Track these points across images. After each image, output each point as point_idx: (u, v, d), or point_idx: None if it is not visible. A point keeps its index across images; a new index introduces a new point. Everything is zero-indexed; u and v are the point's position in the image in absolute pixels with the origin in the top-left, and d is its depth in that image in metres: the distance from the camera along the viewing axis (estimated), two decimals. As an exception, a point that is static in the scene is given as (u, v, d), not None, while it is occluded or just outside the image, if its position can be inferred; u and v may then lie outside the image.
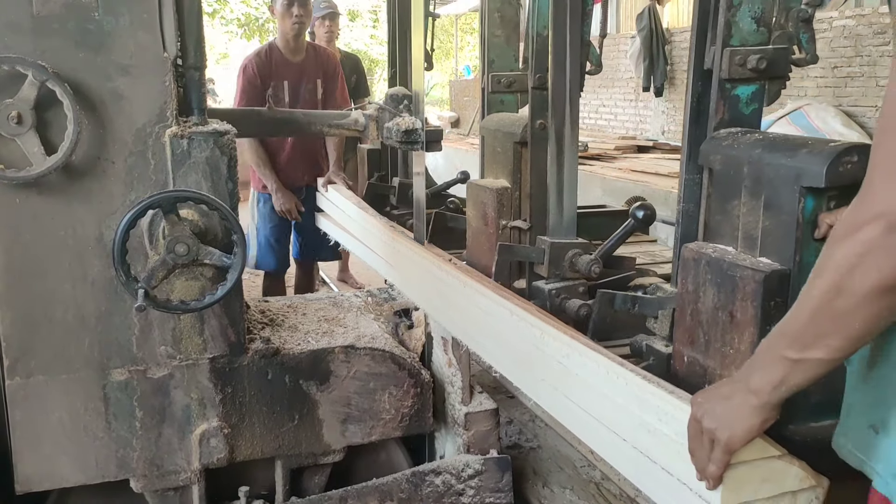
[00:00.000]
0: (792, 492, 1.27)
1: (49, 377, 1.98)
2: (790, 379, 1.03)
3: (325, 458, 2.29)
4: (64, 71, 1.84)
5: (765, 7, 1.70)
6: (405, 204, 3.68)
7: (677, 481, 1.31)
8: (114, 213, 1.94)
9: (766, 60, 1.69)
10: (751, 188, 1.58)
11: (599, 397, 1.55)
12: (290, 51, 3.99)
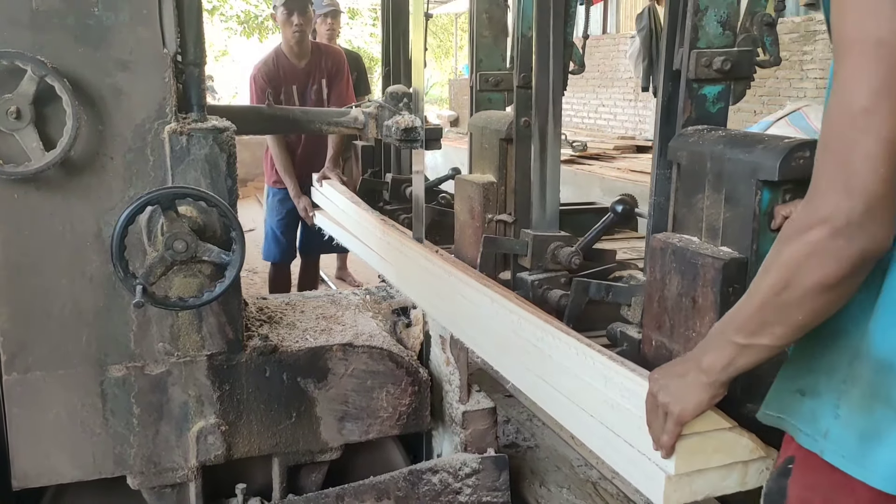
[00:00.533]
0: (743, 462, 1.37)
1: (46, 373, 1.97)
2: (737, 361, 1.12)
3: (323, 455, 2.29)
4: (63, 66, 1.83)
5: (730, 12, 1.78)
6: (397, 199, 3.78)
7: (637, 452, 1.41)
8: (112, 209, 1.94)
9: (730, 62, 1.78)
10: (713, 182, 1.67)
11: (570, 377, 1.65)
12: (296, 56, 4.08)
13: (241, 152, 2.21)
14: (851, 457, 1.04)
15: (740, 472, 1.39)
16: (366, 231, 3.03)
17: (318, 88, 4.15)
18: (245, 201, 9.05)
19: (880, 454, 1.01)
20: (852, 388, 1.05)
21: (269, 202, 4.39)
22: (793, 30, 7.86)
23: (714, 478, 1.37)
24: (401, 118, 2.58)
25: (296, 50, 4.07)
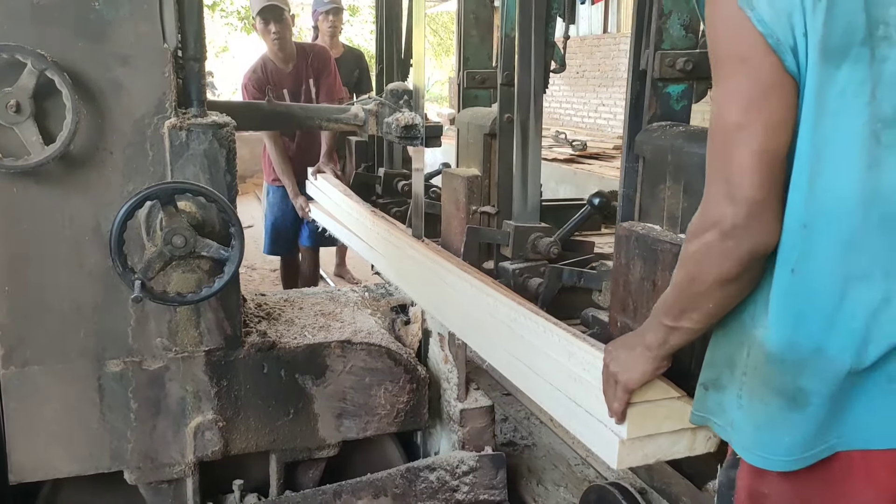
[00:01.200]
0: (691, 429, 1.47)
1: (44, 367, 1.97)
2: (670, 340, 1.27)
3: (320, 452, 2.29)
4: (63, 60, 1.83)
5: (692, 16, 1.89)
6: (389, 193, 3.92)
7: (596, 420, 1.53)
8: (111, 204, 1.93)
9: (692, 63, 1.89)
10: (674, 174, 1.79)
11: (538, 354, 1.77)
12: (281, 60, 4.19)
13: (241, 149, 2.20)
14: (749, 446, 1.14)
15: (689, 438, 1.50)
16: (357, 222, 3.12)
17: (307, 88, 4.24)
18: (244, 197, 9.04)
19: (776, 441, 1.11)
20: (752, 380, 1.14)
21: (269, 199, 4.49)
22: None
23: (664, 443, 1.48)
24: (401, 115, 2.58)
25: (280, 56, 4.17)
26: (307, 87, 4.24)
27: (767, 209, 1.06)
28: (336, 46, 5.21)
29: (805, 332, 1.09)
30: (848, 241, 1.05)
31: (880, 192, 1.03)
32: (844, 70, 1.01)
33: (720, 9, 1.06)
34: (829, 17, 0.99)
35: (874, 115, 1.01)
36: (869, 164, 1.02)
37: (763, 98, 1.04)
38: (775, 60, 1.02)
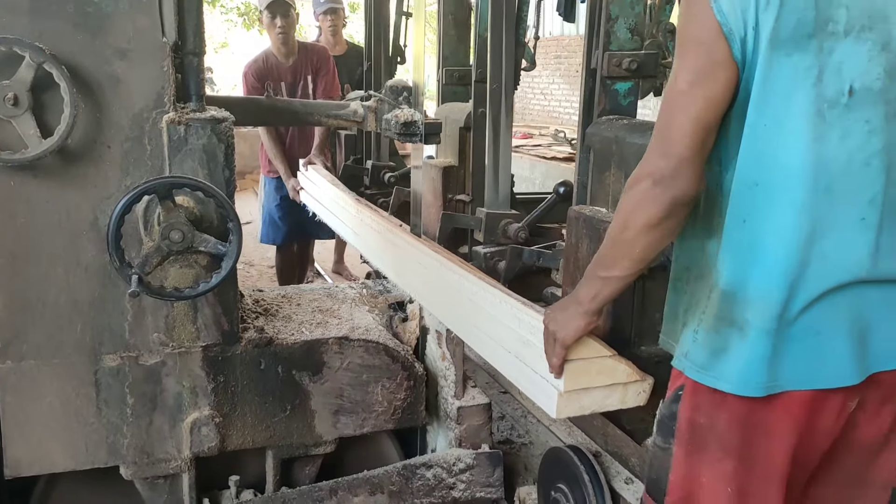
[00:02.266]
0: (623, 384, 1.68)
1: (40, 361, 1.96)
2: (602, 292, 1.43)
3: (317, 449, 2.29)
4: (61, 53, 1.82)
5: (638, 21, 2.10)
6: (377, 184, 4.14)
7: (540, 377, 1.71)
8: (109, 198, 1.93)
9: (637, 62, 2.08)
10: (617, 162, 2.01)
11: (494, 322, 1.93)
12: (283, 55, 4.38)
13: (240, 144, 2.20)
14: (704, 369, 1.31)
15: (621, 392, 1.69)
16: (342, 210, 3.31)
17: (305, 84, 4.42)
18: (242, 193, 9.03)
19: (726, 364, 1.28)
20: (709, 315, 1.31)
21: (266, 190, 4.67)
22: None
23: (598, 396, 1.67)
24: (400, 112, 2.57)
25: (283, 50, 4.35)
26: (304, 84, 4.41)
27: (692, 166, 1.26)
28: (339, 44, 5.30)
29: (751, 274, 1.26)
30: (794, 201, 1.21)
31: (826, 163, 1.20)
32: (795, 57, 1.18)
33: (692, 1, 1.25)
34: (781, 14, 1.17)
35: (820, 96, 1.19)
36: (815, 137, 1.20)
37: (708, 75, 1.23)
38: (725, 46, 1.20)
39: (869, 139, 1.21)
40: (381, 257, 2.79)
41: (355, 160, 4.50)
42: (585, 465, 1.99)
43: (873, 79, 1.20)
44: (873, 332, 1.29)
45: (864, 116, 1.20)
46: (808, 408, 1.28)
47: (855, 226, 1.23)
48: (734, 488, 1.32)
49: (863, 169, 1.22)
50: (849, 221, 1.23)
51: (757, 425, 1.30)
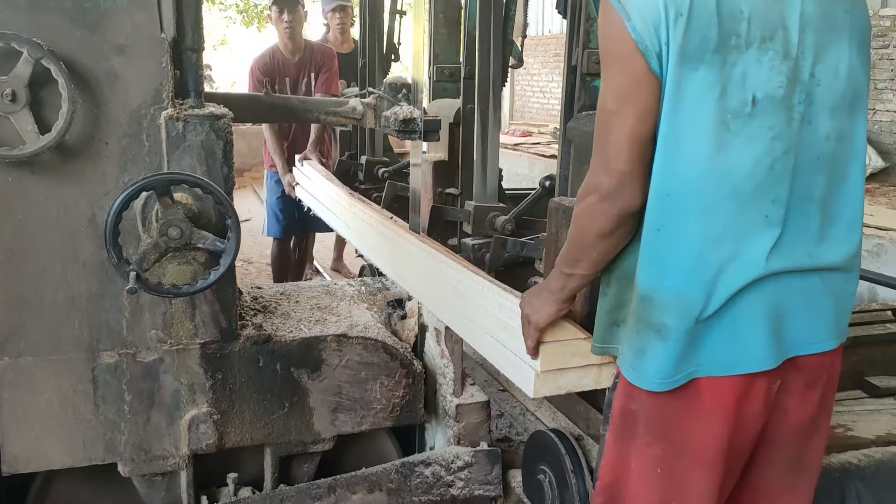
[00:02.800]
0: (597, 365, 1.74)
1: (38, 358, 1.96)
2: (568, 285, 1.54)
3: (315, 446, 2.28)
4: (59, 49, 1.81)
5: None
6: (371, 179, 4.26)
7: (519, 359, 1.79)
8: (107, 195, 1.92)
9: None
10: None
11: (477, 308, 2.02)
12: (289, 51, 4.50)
13: (238, 142, 2.19)
14: (631, 369, 1.41)
15: (595, 373, 1.75)
16: (336, 203, 3.41)
17: (308, 81, 4.55)
18: (241, 191, 9.02)
19: (646, 364, 1.37)
20: (632, 316, 1.40)
21: (268, 184, 4.83)
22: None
23: (573, 376, 1.74)
24: (399, 109, 2.57)
25: (289, 46, 4.47)
26: (308, 81, 4.53)
27: (634, 179, 1.33)
28: (347, 42, 5.41)
29: (667, 279, 1.34)
30: (703, 208, 1.30)
31: (730, 170, 1.28)
32: (701, 72, 1.25)
33: (607, 18, 1.30)
34: (688, 30, 1.23)
35: (724, 107, 1.26)
36: (718, 147, 1.27)
37: (633, 91, 1.29)
38: (643, 62, 1.26)
39: (773, 144, 1.29)
40: (373, 249, 2.89)
41: (350, 156, 4.63)
42: (566, 446, 2.06)
43: (775, 87, 1.28)
44: (787, 319, 1.38)
45: (767, 124, 1.28)
46: (732, 392, 1.36)
47: (761, 225, 1.31)
48: (663, 470, 1.40)
49: (768, 172, 1.29)
50: (756, 221, 1.31)
51: (682, 411, 1.38)
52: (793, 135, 1.30)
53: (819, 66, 1.31)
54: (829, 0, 1.32)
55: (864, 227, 5.10)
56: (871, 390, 2.24)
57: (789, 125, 1.30)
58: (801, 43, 1.29)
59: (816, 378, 1.45)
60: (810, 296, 1.40)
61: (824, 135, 1.34)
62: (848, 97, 1.36)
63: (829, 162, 1.35)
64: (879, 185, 6.57)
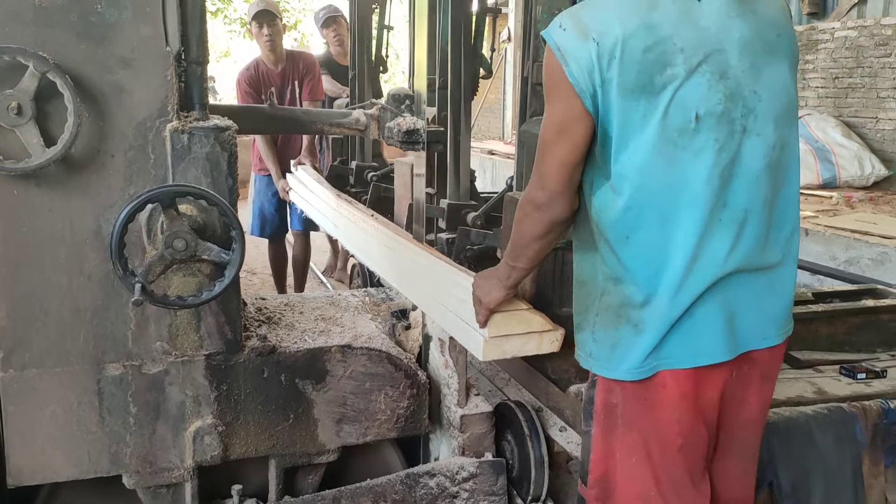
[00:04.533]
0: (539, 332, 2.01)
1: (43, 370, 1.96)
2: (513, 275, 1.80)
3: (320, 457, 2.28)
4: (65, 62, 1.83)
5: None
6: (361, 183, 4.61)
7: (471, 328, 2.02)
8: (112, 207, 1.93)
9: None
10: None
11: (439, 287, 2.28)
12: (272, 62, 4.74)
13: (242, 152, 2.20)
14: (605, 364, 1.57)
15: (537, 340, 2.02)
16: (325, 205, 3.71)
17: (293, 89, 4.77)
18: (245, 202, 9.02)
19: (623, 357, 1.53)
20: (604, 317, 1.55)
21: (257, 186, 5.02)
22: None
23: (518, 342, 2.00)
24: (402, 120, 2.58)
25: (271, 57, 4.71)
26: (293, 88, 4.77)
27: (563, 196, 1.56)
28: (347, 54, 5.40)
29: (641, 281, 1.50)
30: (663, 217, 1.46)
31: (684, 180, 1.44)
32: (642, 101, 1.42)
33: (549, 62, 1.49)
34: (622, 70, 1.41)
35: (668, 127, 1.42)
36: (670, 162, 1.44)
37: (568, 127, 1.49)
38: (578, 102, 1.45)
39: (719, 155, 1.44)
40: (355, 243, 3.20)
41: (341, 161, 5.01)
42: (525, 416, 2.29)
43: (714, 104, 1.43)
44: (740, 315, 1.54)
45: (712, 136, 1.43)
46: (692, 381, 1.53)
47: (717, 228, 1.47)
48: (641, 455, 1.56)
49: (718, 180, 1.45)
50: (712, 226, 1.47)
51: (650, 400, 1.55)
52: (735, 145, 1.46)
53: (759, 83, 1.48)
54: (762, 27, 1.49)
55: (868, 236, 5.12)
56: (793, 363, 2.47)
57: (732, 136, 1.45)
58: (741, 63, 1.46)
59: (771, 370, 1.65)
60: (759, 293, 1.56)
61: (770, 144, 1.49)
62: (787, 110, 1.53)
63: (776, 169, 1.52)
64: (883, 194, 6.55)
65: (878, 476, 2.10)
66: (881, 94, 6.96)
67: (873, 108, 7.04)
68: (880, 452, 2.10)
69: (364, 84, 4.67)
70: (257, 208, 5.00)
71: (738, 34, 1.46)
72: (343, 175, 4.84)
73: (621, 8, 1.43)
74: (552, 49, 1.47)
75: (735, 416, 1.62)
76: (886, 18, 6.92)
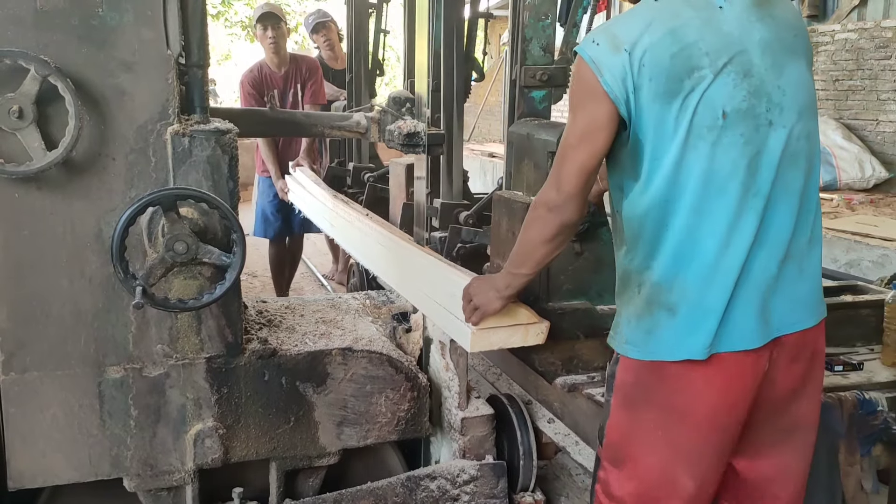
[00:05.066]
0: (525, 324, 2.10)
1: (44, 373, 1.97)
2: (513, 283, 1.90)
3: (320, 460, 2.28)
4: (66, 66, 1.83)
5: (549, 41, 2.60)
6: (358, 184, 4.71)
7: (460, 321, 2.09)
8: (113, 210, 1.93)
9: (548, 74, 2.60)
10: (529, 154, 2.51)
11: (432, 283, 2.37)
12: (275, 65, 4.80)
13: (243, 155, 2.20)
14: (642, 349, 1.62)
15: (523, 332, 2.10)
16: (322, 205, 3.81)
17: (295, 92, 4.84)
18: (246, 204, 9.03)
19: (659, 342, 1.60)
20: (640, 305, 1.62)
21: (260, 188, 5.10)
22: (795, 41, 7.85)
23: (504, 334, 2.08)
24: (403, 123, 2.58)
25: (275, 60, 4.77)
26: (295, 91, 4.84)
27: (577, 199, 1.65)
28: (340, 58, 5.51)
29: (675, 266, 1.57)
30: (695, 207, 1.54)
31: (714, 172, 1.53)
32: (674, 104, 1.52)
33: (582, 73, 1.59)
34: (652, 76, 1.51)
35: (699, 125, 1.52)
36: (699, 156, 1.53)
37: (592, 134, 1.58)
38: (612, 108, 1.54)
39: (745, 148, 1.54)
40: (350, 241, 3.32)
41: (339, 162, 5.11)
42: (514, 408, 2.39)
43: (739, 101, 1.53)
44: (773, 301, 1.60)
45: (738, 131, 1.53)
46: (726, 368, 1.58)
47: (746, 215, 1.55)
48: (664, 432, 1.63)
49: (745, 170, 1.54)
50: (742, 213, 1.55)
51: (681, 382, 1.60)
52: (762, 138, 1.55)
53: (782, 79, 1.57)
54: (780, 28, 1.60)
55: (869, 238, 5.12)
56: None
57: (757, 130, 1.55)
58: (763, 62, 1.55)
59: (799, 353, 1.66)
60: (791, 279, 1.62)
61: (796, 135, 1.58)
62: (809, 103, 1.62)
63: (803, 157, 1.60)
64: (884, 196, 6.55)
65: (854, 465, 2.17)
66: (881, 97, 6.96)
67: (874, 110, 7.04)
68: (856, 442, 2.17)
69: (361, 87, 4.78)
70: (260, 209, 5.07)
71: (758, 36, 1.56)
72: (340, 176, 4.94)
73: (648, 21, 1.54)
74: (586, 62, 1.57)
75: (766, 396, 1.66)
76: (887, 21, 6.92)
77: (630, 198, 1.62)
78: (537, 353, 2.34)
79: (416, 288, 2.49)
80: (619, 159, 1.64)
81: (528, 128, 2.51)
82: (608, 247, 2.19)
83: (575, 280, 2.40)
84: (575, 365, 2.38)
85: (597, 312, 2.39)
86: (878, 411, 2.18)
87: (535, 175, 2.45)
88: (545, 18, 2.55)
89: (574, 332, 2.35)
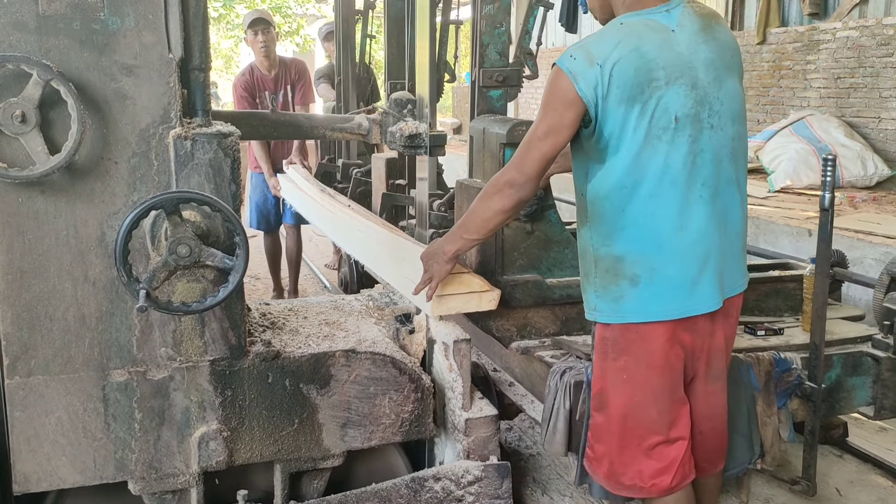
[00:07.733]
0: (478, 292, 2.40)
1: (49, 377, 1.97)
2: (462, 248, 2.21)
3: (325, 462, 2.28)
4: (69, 70, 1.83)
5: (504, 46, 2.87)
6: (346, 179, 4.92)
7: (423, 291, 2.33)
8: (116, 214, 1.94)
9: (503, 76, 2.89)
10: (486, 145, 2.79)
11: (401, 260, 2.66)
12: (266, 68, 5.07)
13: (245, 158, 2.21)
14: (609, 315, 1.96)
15: (477, 299, 2.40)
16: (311, 199, 4.07)
17: (286, 93, 5.10)
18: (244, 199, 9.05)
19: (625, 305, 1.93)
20: (604, 278, 1.95)
21: (253, 183, 5.32)
22: (796, 39, 7.85)
23: (460, 301, 2.38)
24: (405, 125, 2.58)
25: (265, 63, 5.04)
26: (285, 92, 5.10)
27: (535, 181, 1.97)
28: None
29: (635, 244, 1.90)
30: (651, 193, 1.87)
31: (668, 167, 1.86)
32: (636, 108, 1.84)
33: (559, 80, 1.88)
34: (619, 84, 1.83)
35: (655, 126, 1.85)
36: (654, 152, 1.86)
37: (558, 131, 1.90)
38: (582, 111, 1.87)
39: (693, 146, 1.87)
40: (333, 230, 3.63)
41: (329, 159, 5.38)
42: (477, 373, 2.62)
43: (688, 108, 1.86)
44: (724, 271, 1.96)
45: (687, 133, 1.87)
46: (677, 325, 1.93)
47: (697, 202, 1.89)
48: (627, 376, 1.96)
49: (692, 165, 1.87)
50: (693, 200, 1.88)
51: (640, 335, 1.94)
52: (705, 138, 1.89)
53: (721, 91, 1.92)
54: (721, 49, 1.94)
55: (871, 236, 5.10)
56: None
57: (702, 132, 1.89)
58: (707, 77, 1.89)
59: (734, 310, 2.06)
60: (734, 251, 2.00)
61: (730, 136, 1.94)
62: (740, 111, 1.98)
63: (738, 154, 1.98)
64: (886, 194, 6.54)
65: (772, 416, 2.48)
66: (883, 94, 6.95)
67: (875, 108, 7.03)
68: (773, 396, 2.48)
69: (349, 89, 4.99)
70: (254, 203, 5.36)
71: (703, 56, 1.90)
72: (331, 172, 5.20)
73: (617, 40, 1.86)
74: (564, 72, 1.87)
75: (707, 347, 2.01)
76: (888, 18, 6.91)
77: (593, 182, 1.94)
78: (494, 320, 2.65)
79: (387, 265, 2.85)
80: (585, 148, 1.95)
81: (484, 123, 2.79)
82: (555, 226, 2.68)
83: (527, 256, 2.69)
84: (528, 331, 2.70)
85: (546, 284, 2.67)
86: (791, 369, 2.49)
87: (491, 164, 2.72)
88: (500, 27, 2.85)
89: (526, 301, 2.65)
